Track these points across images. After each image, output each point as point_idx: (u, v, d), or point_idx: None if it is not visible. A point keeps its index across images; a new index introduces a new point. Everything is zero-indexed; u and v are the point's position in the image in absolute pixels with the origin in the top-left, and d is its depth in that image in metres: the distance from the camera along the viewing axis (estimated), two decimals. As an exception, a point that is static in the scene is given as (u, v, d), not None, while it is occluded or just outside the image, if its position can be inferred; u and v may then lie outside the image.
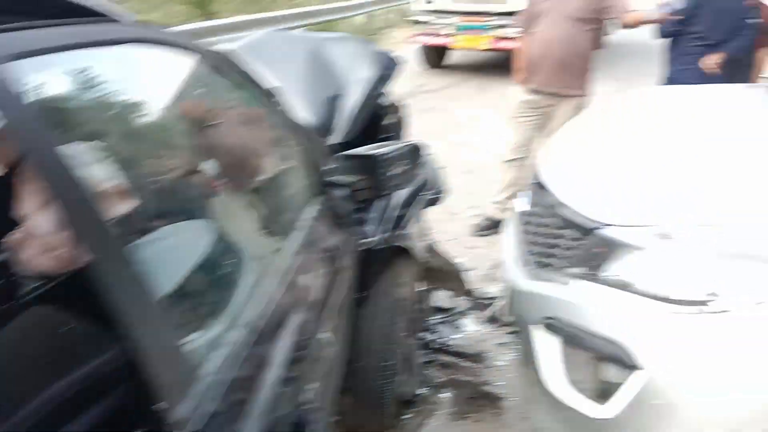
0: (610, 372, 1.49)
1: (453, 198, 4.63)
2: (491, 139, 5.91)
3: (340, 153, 1.59)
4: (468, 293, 2.99)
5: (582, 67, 3.51)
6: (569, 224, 1.70)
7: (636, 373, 1.42)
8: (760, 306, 1.31)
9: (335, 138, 1.91)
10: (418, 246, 2.22)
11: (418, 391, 2.39)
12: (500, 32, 7.82)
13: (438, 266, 2.62)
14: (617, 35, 3.91)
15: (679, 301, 1.38)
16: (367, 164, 1.57)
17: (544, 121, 3.57)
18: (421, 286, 2.39)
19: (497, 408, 2.35)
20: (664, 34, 4.02)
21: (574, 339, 1.56)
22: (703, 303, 1.35)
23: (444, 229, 4.06)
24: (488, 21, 7.82)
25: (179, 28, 7.58)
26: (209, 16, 14.08)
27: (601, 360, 1.51)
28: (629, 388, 1.43)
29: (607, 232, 1.57)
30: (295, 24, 10.45)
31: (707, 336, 1.34)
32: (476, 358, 2.61)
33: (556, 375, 1.61)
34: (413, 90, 8.48)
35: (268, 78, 2.03)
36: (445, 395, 2.44)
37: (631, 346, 1.43)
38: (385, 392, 2.05)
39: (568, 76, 3.47)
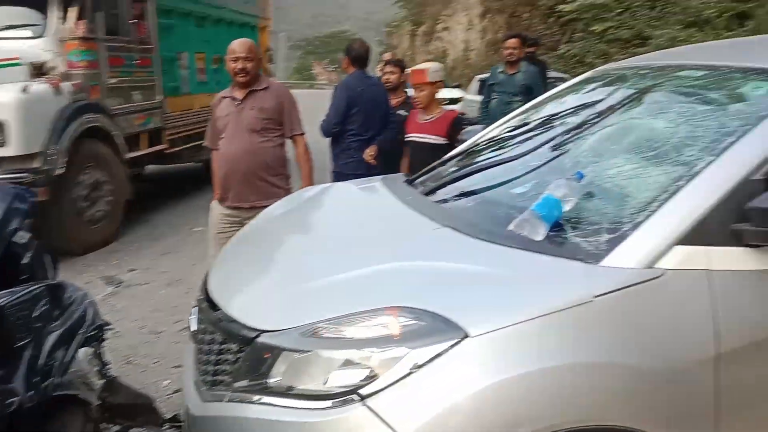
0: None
1: (157, 315, 4.40)
2: (195, 248, 5.77)
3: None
4: (174, 419, 2.79)
5: (274, 176, 3.57)
6: (232, 336, 1.71)
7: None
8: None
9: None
10: (87, 386, 2.01)
11: None
12: None
13: (123, 402, 2.40)
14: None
15: (312, 395, 1.46)
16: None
17: None
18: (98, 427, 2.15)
19: None
20: (326, 134, 4.48)
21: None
22: (326, 396, 1.45)
23: (146, 351, 3.79)
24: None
25: None
26: None
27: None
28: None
29: (264, 339, 1.61)
30: None
31: (345, 425, 1.43)
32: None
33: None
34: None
35: None
36: None
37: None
38: None
39: (261, 188, 3.52)
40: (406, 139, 4.06)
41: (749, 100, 1.87)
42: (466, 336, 1.43)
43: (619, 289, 1.52)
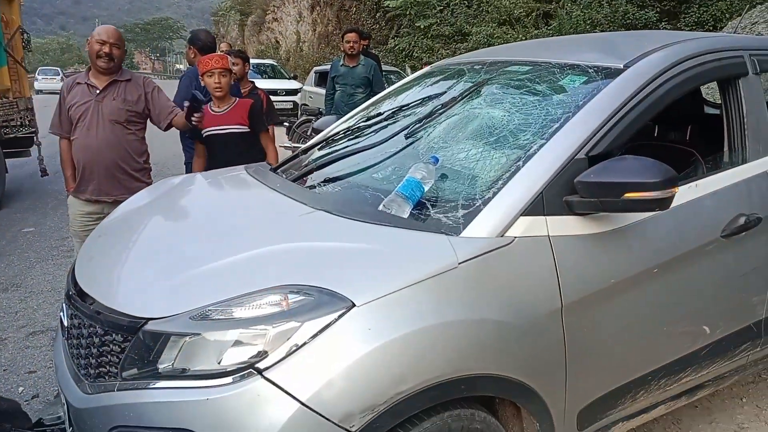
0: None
1: (-1, 322, 4.06)
2: (30, 249, 5.38)
3: None
4: (39, 424, 2.63)
5: (137, 170, 3.46)
6: (114, 327, 1.71)
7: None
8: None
9: None
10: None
11: None
12: None
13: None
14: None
15: (212, 375, 1.54)
16: None
17: None
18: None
19: None
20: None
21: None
22: (225, 373, 1.54)
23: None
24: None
25: None
26: None
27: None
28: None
29: (151, 327, 1.63)
30: None
31: (247, 398, 1.52)
32: None
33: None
34: None
35: None
36: None
37: (196, 429, 1.51)
38: None
39: (124, 182, 3.39)
40: (205, 135, 3.62)
41: (568, 91, 2.21)
42: (353, 305, 1.59)
43: (478, 256, 1.76)
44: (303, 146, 2.89)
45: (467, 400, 1.78)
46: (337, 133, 2.82)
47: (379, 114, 2.72)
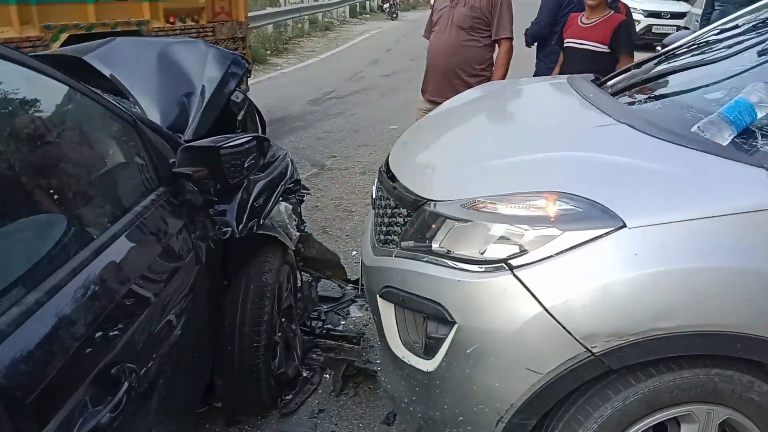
0: (435, 329, 1.68)
1: (352, 197, 4.88)
2: (389, 143, 6.18)
3: (185, 145, 1.72)
4: (353, 282, 3.16)
5: (471, 75, 3.58)
6: (403, 202, 1.90)
7: (453, 328, 1.61)
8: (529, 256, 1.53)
9: (188, 134, 2.05)
10: (286, 234, 2.37)
11: (301, 374, 2.54)
12: None
13: (315, 256, 2.78)
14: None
15: (468, 260, 1.59)
16: (209, 154, 1.70)
17: None
18: (293, 273, 2.53)
19: (373, 383, 2.52)
20: (534, 39, 4.39)
21: (405, 303, 1.74)
22: (480, 261, 1.57)
23: (340, 226, 4.26)
24: None
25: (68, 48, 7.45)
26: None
27: (427, 319, 1.70)
28: (448, 342, 1.62)
29: (430, 207, 1.77)
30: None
31: (493, 289, 1.55)
32: (357, 340, 2.78)
33: (394, 337, 1.79)
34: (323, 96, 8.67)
35: (121, 82, 2.14)
36: (327, 376, 2.60)
37: (446, 304, 1.62)
38: (259, 373, 2.18)
39: (457, 86, 3.53)
40: (564, 45, 3.61)
41: None
42: (624, 226, 1.46)
43: (804, 202, 1.42)
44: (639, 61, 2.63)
45: (747, 364, 1.51)
46: (682, 47, 2.48)
47: (736, 27, 2.29)
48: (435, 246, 1.72)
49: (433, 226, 1.73)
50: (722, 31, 2.36)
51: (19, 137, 1.26)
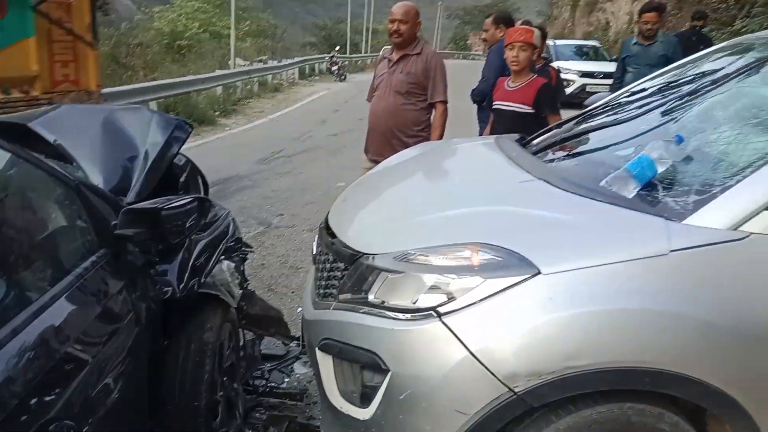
0: (370, 377, 1.75)
1: (298, 254, 4.93)
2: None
3: (126, 208, 1.78)
4: (296, 338, 3.19)
5: (410, 137, 3.77)
6: (341, 257, 2.00)
7: (387, 375, 1.69)
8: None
9: (131, 197, 2.11)
10: (228, 292, 2.41)
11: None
12: None
13: (258, 313, 2.82)
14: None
15: (400, 309, 1.69)
16: (150, 216, 1.76)
17: None
18: (235, 331, 2.57)
19: (316, 438, 2.54)
20: (480, 96, 4.65)
21: (342, 354, 1.82)
22: (411, 310, 1.67)
23: (286, 283, 4.30)
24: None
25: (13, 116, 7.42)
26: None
27: (363, 368, 1.77)
28: (382, 389, 1.69)
29: (365, 261, 1.87)
30: (152, 96, 10.53)
31: (423, 336, 1.65)
32: (300, 396, 2.80)
33: (332, 388, 1.85)
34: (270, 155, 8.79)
35: (65, 148, 2.20)
36: (270, 433, 2.60)
37: (380, 353, 1.70)
38: (199, 432, 2.18)
39: (396, 147, 3.69)
40: (493, 107, 3.80)
41: None
42: (539, 273, 1.59)
43: (697, 246, 1.59)
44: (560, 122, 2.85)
45: (658, 397, 1.64)
46: (597, 109, 2.72)
47: (643, 90, 2.53)
48: (371, 297, 1.81)
49: (369, 278, 1.82)
50: (633, 93, 2.60)
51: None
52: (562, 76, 13.74)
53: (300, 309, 3.72)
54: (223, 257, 2.48)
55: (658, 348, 1.56)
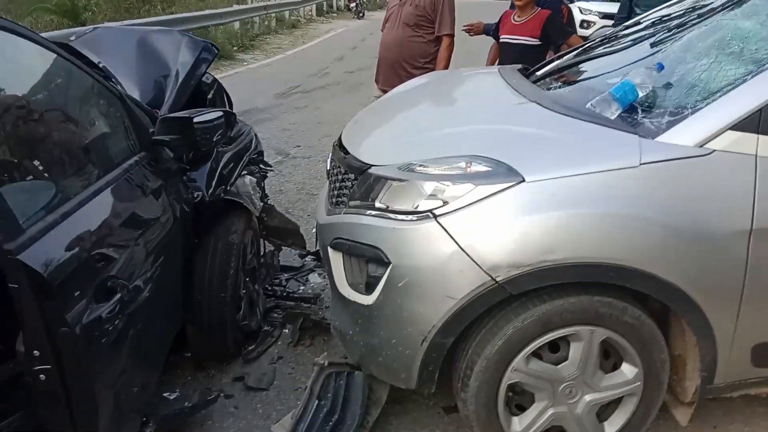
0: (374, 269, 2.01)
1: (314, 182, 5.18)
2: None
3: (163, 117, 2.02)
4: (312, 253, 3.47)
5: (416, 68, 3.91)
6: (352, 169, 2.24)
7: (388, 267, 1.95)
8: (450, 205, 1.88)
9: (164, 110, 2.35)
10: (250, 201, 2.68)
11: (262, 327, 2.85)
12: None
13: (277, 225, 3.09)
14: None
15: (402, 212, 1.93)
16: (184, 124, 2.01)
17: None
18: (257, 239, 2.85)
19: (327, 335, 2.84)
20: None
21: (351, 250, 2.08)
22: (411, 212, 1.91)
23: (302, 207, 4.57)
24: None
25: (49, 34, 7.63)
26: (80, 24, 13.85)
27: (368, 262, 2.03)
28: (384, 278, 1.96)
29: (373, 171, 2.11)
30: (174, 29, 10.63)
31: (421, 233, 1.90)
32: (314, 300, 3.10)
33: (341, 280, 2.13)
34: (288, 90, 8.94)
35: (106, 65, 2.43)
36: (286, 330, 2.92)
37: (384, 248, 1.96)
38: (224, 322, 2.49)
39: (403, 77, 3.83)
40: (500, 40, 3.95)
41: None
42: (523, 180, 1.82)
43: (665, 161, 1.80)
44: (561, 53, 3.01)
45: (624, 292, 1.88)
46: (596, 41, 2.88)
47: (639, 23, 2.69)
48: (377, 203, 2.06)
49: (376, 186, 2.06)
50: (628, 27, 2.76)
51: (38, 101, 1.57)
52: (583, 17, 13.57)
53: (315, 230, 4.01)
54: (245, 172, 2.73)
55: (623, 246, 1.80)
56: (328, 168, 2.60)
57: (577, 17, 12.89)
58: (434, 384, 2.01)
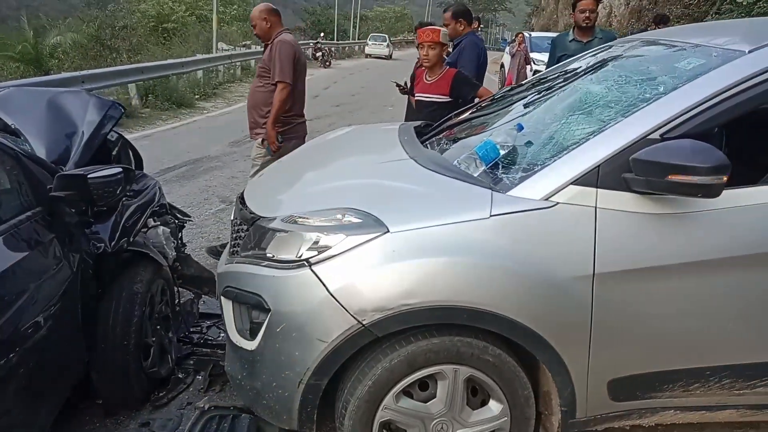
0: (257, 315, 2.15)
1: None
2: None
3: (59, 174, 2.16)
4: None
5: (261, 116, 4.19)
6: (244, 220, 2.39)
7: (269, 313, 2.09)
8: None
9: (69, 166, 2.49)
10: (161, 253, 2.81)
11: (175, 374, 2.94)
12: None
13: (192, 274, 3.22)
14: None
15: (284, 261, 2.09)
16: (78, 181, 2.15)
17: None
18: (170, 288, 2.96)
19: (238, 380, 2.94)
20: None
21: (237, 298, 2.22)
22: (291, 261, 2.07)
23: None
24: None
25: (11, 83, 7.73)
26: (44, 73, 13.98)
27: (251, 308, 2.17)
28: (265, 324, 2.10)
29: (260, 222, 2.27)
30: (132, 78, 10.84)
31: (297, 281, 2.05)
32: (230, 347, 3.20)
33: (231, 326, 2.26)
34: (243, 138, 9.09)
35: (14, 124, 2.58)
36: (199, 377, 3.01)
37: (264, 295, 2.10)
38: (128, 369, 2.58)
39: (251, 124, 4.30)
40: (415, 97, 4.19)
41: (675, 73, 2.19)
42: (387, 231, 1.99)
43: (512, 212, 2.00)
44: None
45: (484, 333, 2.04)
46: (485, 102, 3.12)
47: (521, 85, 2.94)
48: (264, 252, 2.21)
49: (265, 237, 2.22)
50: (513, 89, 3.01)
51: None
52: (534, 67, 14.13)
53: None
54: (158, 223, 2.87)
55: (475, 291, 1.97)
56: (231, 219, 2.75)
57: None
58: (314, 424, 2.13)
